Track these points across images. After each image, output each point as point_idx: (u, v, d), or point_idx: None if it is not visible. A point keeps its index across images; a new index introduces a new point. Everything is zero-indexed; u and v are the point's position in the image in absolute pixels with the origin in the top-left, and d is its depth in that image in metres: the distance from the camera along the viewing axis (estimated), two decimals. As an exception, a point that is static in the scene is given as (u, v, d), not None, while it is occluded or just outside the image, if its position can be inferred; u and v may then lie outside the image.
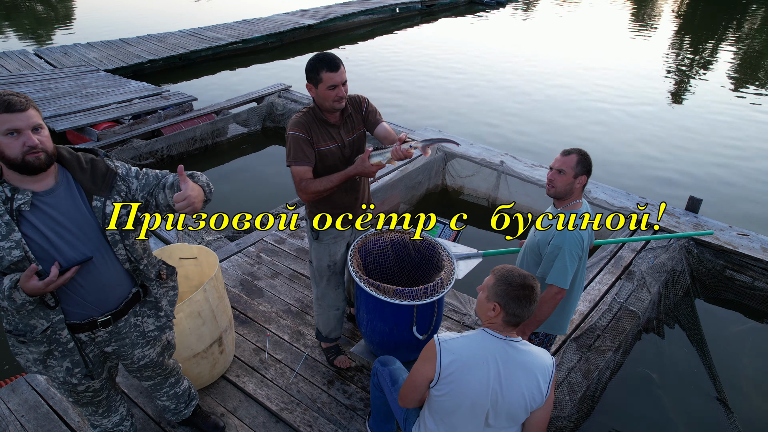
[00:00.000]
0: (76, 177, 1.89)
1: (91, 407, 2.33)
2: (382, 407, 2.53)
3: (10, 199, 1.75)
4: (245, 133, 7.82)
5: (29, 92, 8.21)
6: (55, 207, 1.83)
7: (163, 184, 2.01)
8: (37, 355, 1.96)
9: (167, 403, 2.66)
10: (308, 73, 2.59)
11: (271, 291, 3.91)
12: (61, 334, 1.94)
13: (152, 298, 2.20)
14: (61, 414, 2.94)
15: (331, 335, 3.26)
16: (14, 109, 1.67)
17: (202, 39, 11.82)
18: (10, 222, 1.74)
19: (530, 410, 1.98)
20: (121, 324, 2.09)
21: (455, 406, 1.97)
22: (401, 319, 2.79)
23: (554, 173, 2.55)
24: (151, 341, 2.28)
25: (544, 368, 1.97)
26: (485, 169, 5.95)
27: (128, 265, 2.04)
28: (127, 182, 2.00)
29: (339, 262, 3.03)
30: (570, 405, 3.25)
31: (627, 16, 17.57)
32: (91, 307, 1.97)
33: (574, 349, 3.60)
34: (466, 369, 1.91)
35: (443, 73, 10.96)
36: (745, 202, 6.40)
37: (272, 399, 3.03)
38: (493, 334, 1.95)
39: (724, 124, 8.66)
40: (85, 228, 1.89)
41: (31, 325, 1.90)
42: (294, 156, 2.61)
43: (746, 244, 4.68)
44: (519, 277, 1.90)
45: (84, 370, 2.05)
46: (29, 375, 3.18)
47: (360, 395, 3.08)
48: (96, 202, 1.90)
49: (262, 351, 3.37)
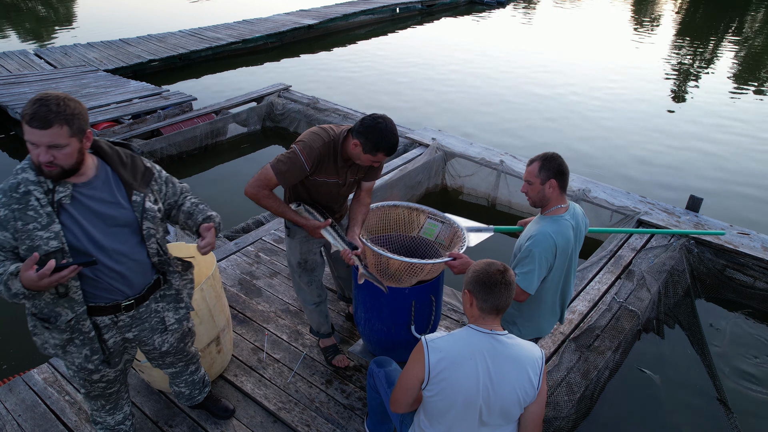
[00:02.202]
0: (116, 170, 1.95)
1: (101, 400, 2.35)
2: (379, 408, 2.52)
3: (52, 191, 1.80)
4: (245, 133, 7.81)
5: (28, 92, 8.22)
6: (93, 198, 1.89)
7: (180, 205, 2.18)
8: (58, 341, 2.01)
9: (183, 390, 2.73)
10: (367, 139, 2.50)
11: (269, 290, 3.90)
12: (84, 324, 1.99)
13: (173, 291, 2.26)
14: (58, 413, 2.93)
15: (321, 330, 3.27)
16: (34, 125, 1.68)
17: (202, 39, 11.81)
18: (51, 213, 1.79)
19: (524, 405, 1.96)
20: (142, 309, 2.15)
21: (448, 406, 1.96)
22: (399, 318, 2.79)
23: (525, 185, 2.54)
24: (171, 331, 2.34)
25: (534, 360, 1.95)
26: (485, 168, 5.94)
27: (156, 258, 2.11)
28: (159, 184, 2.11)
29: (310, 261, 3.02)
30: (569, 405, 3.24)
31: (627, 16, 17.56)
32: (116, 291, 2.02)
33: (573, 349, 3.58)
34: (454, 366, 1.91)
35: (443, 73, 10.95)
36: (745, 201, 6.38)
37: (270, 398, 3.02)
38: (477, 329, 1.95)
39: (724, 123, 8.65)
40: (122, 220, 1.95)
41: (56, 312, 1.94)
42: (280, 171, 2.56)
43: (747, 243, 4.67)
44: (488, 265, 1.92)
45: (101, 357, 2.09)
46: (26, 374, 3.17)
47: (358, 395, 3.06)
48: (136, 196, 1.97)
49: (260, 350, 3.36)
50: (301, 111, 7.76)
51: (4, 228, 1.77)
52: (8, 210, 1.77)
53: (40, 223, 1.78)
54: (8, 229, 1.78)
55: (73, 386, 3.09)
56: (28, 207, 1.77)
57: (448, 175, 6.26)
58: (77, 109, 1.75)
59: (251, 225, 4.88)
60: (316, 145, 2.57)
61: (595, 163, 7.16)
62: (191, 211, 2.18)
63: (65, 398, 3.03)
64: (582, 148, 7.63)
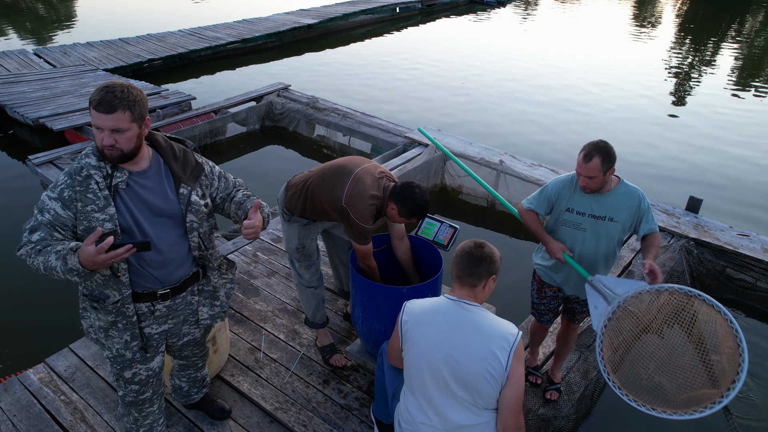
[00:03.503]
0: (168, 163, 2.06)
1: (133, 412, 2.36)
2: (383, 389, 2.53)
3: (110, 176, 1.93)
4: (244, 133, 7.79)
5: (27, 91, 8.19)
6: (145, 187, 2.00)
7: (232, 197, 2.26)
8: (103, 323, 2.10)
9: (183, 385, 2.74)
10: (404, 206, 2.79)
11: (267, 290, 3.88)
12: (128, 308, 2.07)
13: (211, 287, 2.32)
14: (53, 413, 2.92)
15: (317, 318, 3.30)
16: (100, 109, 1.82)
17: (202, 38, 11.79)
18: (108, 197, 1.92)
19: (493, 384, 1.94)
20: (178, 300, 2.21)
21: (414, 368, 2.05)
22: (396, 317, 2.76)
23: (585, 180, 2.57)
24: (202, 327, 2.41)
25: (502, 334, 1.95)
26: (484, 168, 5.91)
27: (197, 252, 2.18)
28: (210, 179, 2.20)
29: (308, 246, 3.14)
30: (568, 405, 3.22)
31: (628, 16, 17.54)
32: (154, 280, 2.09)
33: (573, 349, 3.57)
34: (417, 326, 2.03)
35: (443, 73, 10.93)
36: (745, 202, 6.35)
37: (267, 398, 3.00)
38: (449, 297, 2.05)
39: (724, 124, 8.63)
40: (168, 212, 2.05)
41: (105, 294, 2.04)
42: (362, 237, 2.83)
43: (747, 244, 4.65)
44: (470, 240, 2.06)
45: (139, 343, 2.16)
46: (22, 374, 3.15)
47: (356, 395, 3.04)
48: (183, 189, 2.07)
49: (257, 350, 3.34)
50: (300, 110, 7.73)
51: (67, 207, 1.91)
52: (72, 191, 1.90)
53: (97, 205, 1.91)
54: (71, 209, 1.91)
55: (69, 386, 3.07)
56: (88, 189, 1.90)
57: (447, 174, 6.24)
58: (138, 97, 1.89)
59: (249, 224, 4.85)
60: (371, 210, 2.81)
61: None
62: (241, 201, 2.24)
63: (61, 398, 3.01)
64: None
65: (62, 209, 1.91)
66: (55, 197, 1.91)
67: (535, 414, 3.10)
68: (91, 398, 3.01)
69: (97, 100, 1.82)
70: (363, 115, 7.26)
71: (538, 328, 3.24)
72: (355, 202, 2.76)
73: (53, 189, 1.93)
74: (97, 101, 1.82)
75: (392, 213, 2.84)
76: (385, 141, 6.70)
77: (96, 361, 3.24)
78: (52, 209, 1.91)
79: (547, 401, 3.19)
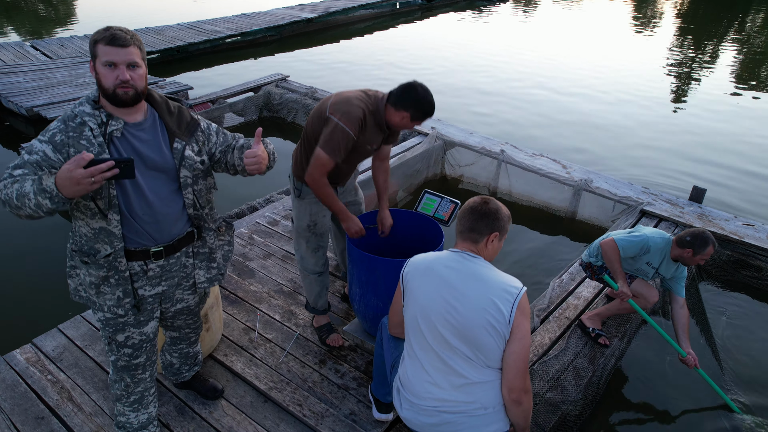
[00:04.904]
0: (162, 117, 2.02)
1: (126, 377, 2.28)
2: (382, 366, 2.43)
3: (105, 124, 1.89)
4: (242, 123, 7.69)
5: (23, 81, 8.09)
6: (140, 139, 1.95)
7: (233, 146, 2.20)
8: (94, 278, 2.04)
9: (174, 361, 2.66)
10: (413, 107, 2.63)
11: (262, 271, 3.78)
12: (120, 262, 2.01)
13: (207, 249, 2.25)
14: (39, 392, 2.81)
15: (318, 305, 3.18)
16: (116, 43, 1.80)
17: (201, 32, 11.71)
18: (102, 144, 1.87)
19: (494, 335, 1.83)
20: (172, 260, 2.15)
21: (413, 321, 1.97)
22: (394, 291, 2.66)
23: (698, 260, 3.13)
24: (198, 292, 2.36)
25: (505, 286, 1.86)
26: (485, 158, 5.83)
27: (192, 210, 2.13)
28: (206, 135, 2.15)
29: (320, 224, 2.98)
30: (576, 390, 3.13)
31: (628, 15, 17.50)
32: (147, 236, 2.03)
33: (579, 335, 3.48)
34: (417, 275, 1.97)
35: (443, 67, 10.86)
36: (750, 192, 6.27)
37: (261, 378, 2.90)
38: (453, 249, 1.98)
39: (728, 115, 8.56)
40: (162, 165, 2.00)
41: (95, 248, 1.98)
42: (332, 148, 2.60)
43: (752, 234, 4.57)
44: (475, 197, 2.00)
45: (132, 300, 2.10)
46: (8, 354, 3.05)
47: (353, 375, 2.94)
48: (177, 144, 2.03)
49: (251, 330, 3.24)
50: (298, 101, 7.64)
51: (58, 151, 1.85)
52: (65, 136, 1.86)
53: (91, 152, 1.84)
54: (62, 154, 1.85)
55: (56, 365, 2.97)
56: (81, 136, 1.86)
57: (447, 164, 6.15)
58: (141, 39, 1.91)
59: (245, 210, 4.76)
60: (358, 115, 2.62)
61: (597, 156, 7.06)
62: (244, 145, 2.18)
63: (47, 377, 2.91)
64: (582, 143, 7.53)
65: (52, 152, 1.84)
66: (45, 140, 1.85)
67: (542, 398, 3.00)
68: (79, 378, 2.91)
69: (108, 37, 1.80)
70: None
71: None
72: (341, 105, 2.61)
73: (44, 133, 1.87)
74: (109, 37, 1.80)
75: (404, 122, 2.67)
76: (385, 130, 6.60)
77: (85, 341, 3.14)
78: (41, 151, 1.84)
79: (555, 386, 3.10)
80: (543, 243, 5.09)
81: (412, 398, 2.00)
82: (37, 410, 2.72)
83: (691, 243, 3.07)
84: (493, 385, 1.90)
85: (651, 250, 3.22)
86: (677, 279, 3.29)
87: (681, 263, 3.23)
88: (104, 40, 1.80)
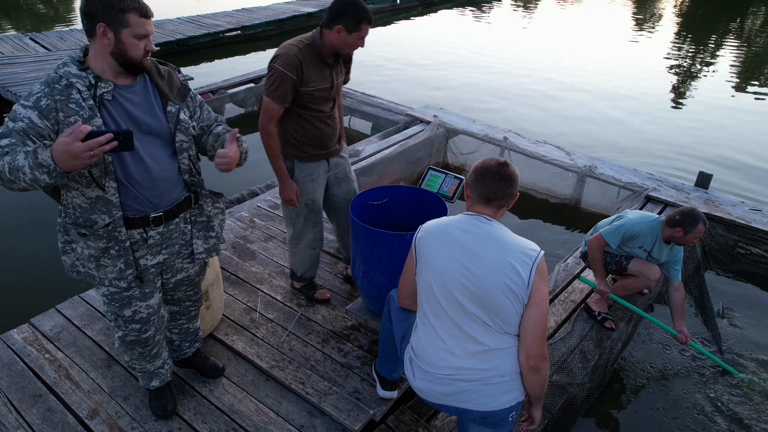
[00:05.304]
0: (153, 80, 1.95)
1: (137, 348, 2.26)
2: (389, 341, 2.35)
3: (94, 86, 1.79)
4: (242, 114, 7.63)
5: (21, 72, 8.05)
6: (131, 102, 1.88)
7: (211, 129, 2.14)
8: (94, 251, 1.97)
9: (173, 337, 2.60)
10: (342, 17, 2.50)
11: (264, 254, 3.72)
12: (120, 231, 1.95)
13: (204, 217, 2.22)
14: (36, 371, 2.76)
15: (307, 274, 3.18)
16: (148, 15, 1.77)
17: (201, 26, 11.65)
18: (93, 107, 1.78)
19: (512, 298, 1.76)
20: (172, 227, 2.09)
21: (427, 287, 1.89)
22: (402, 268, 2.60)
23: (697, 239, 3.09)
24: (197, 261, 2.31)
25: (523, 249, 1.79)
26: (488, 145, 5.77)
27: (188, 176, 2.07)
28: (195, 104, 2.10)
29: (317, 200, 2.95)
30: (583, 373, 3.08)
31: (629, 13, 17.44)
32: (146, 202, 1.97)
33: (586, 318, 3.43)
34: (431, 239, 1.89)
35: (444, 63, 10.81)
36: (756, 177, 6.21)
37: (262, 357, 2.84)
38: (467, 213, 1.91)
39: (733, 104, 8.50)
40: (157, 129, 1.94)
41: (91, 219, 1.91)
42: (275, 93, 2.59)
43: (760, 219, 4.52)
44: (490, 158, 1.91)
45: (135, 272, 2.04)
46: (4, 334, 2.99)
47: (356, 353, 2.88)
48: (170, 107, 1.96)
49: (252, 311, 3.18)
50: (299, 91, 7.57)
51: (45, 117, 1.74)
52: (50, 100, 1.75)
53: (81, 116, 1.76)
54: (49, 119, 1.75)
55: (54, 344, 2.91)
56: (69, 99, 1.76)
57: (449, 152, 6.10)
58: None
59: (246, 195, 4.70)
60: (292, 52, 2.55)
61: (602, 142, 7.01)
62: (220, 133, 2.12)
63: (45, 356, 2.85)
64: (586, 137, 7.48)
65: (38, 118, 1.73)
66: (30, 105, 1.74)
67: (549, 380, 2.94)
68: (77, 356, 2.85)
69: (142, 8, 1.75)
70: (363, 95, 7.10)
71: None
72: (278, 52, 2.58)
73: (27, 98, 1.75)
74: (143, 8, 1.75)
75: (341, 37, 2.53)
76: (387, 119, 6.54)
77: (83, 321, 3.09)
78: (26, 117, 1.72)
79: (562, 368, 3.04)
80: (547, 230, 5.04)
81: (426, 366, 1.92)
82: (35, 388, 2.66)
83: (680, 222, 3.03)
84: (510, 352, 1.83)
85: (637, 235, 3.22)
86: (672, 263, 3.27)
87: (675, 244, 3.20)
88: (137, 11, 1.73)
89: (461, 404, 1.87)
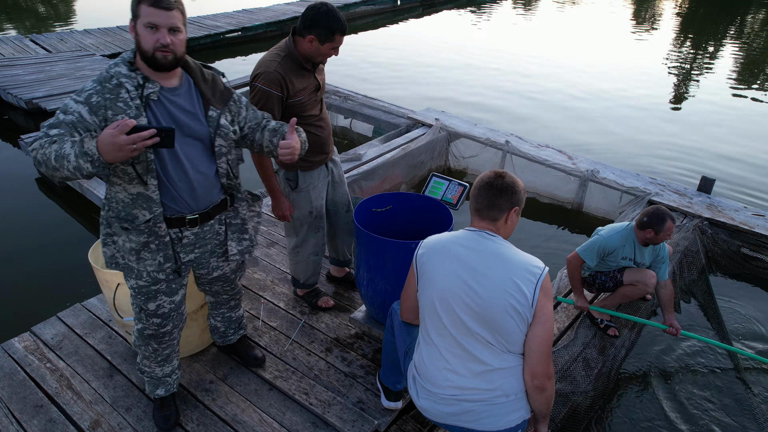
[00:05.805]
0: (198, 84, 2.00)
1: (152, 343, 2.30)
2: (391, 354, 2.33)
3: (142, 86, 1.85)
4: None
5: (22, 74, 8.03)
6: (174, 104, 1.93)
7: (263, 126, 2.18)
8: (135, 245, 2.02)
9: (218, 325, 2.72)
10: (315, 26, 2.48)
11: (266, 260, 3.70)
12: (160, 227, 2.01)
13: (239, 220, 2.27)
14: (38, 381, 2.74)
15: (310, 281, 3.18)
16: (160, 5, 1.77)
17: (201, 27, 11.64)
18: (140, 106, 1.84)
19: (517, 318, 1.73)
20: (206, 228, 2.16)
21: (429, 305, 1.85)
22: (405, 276, 2.58)
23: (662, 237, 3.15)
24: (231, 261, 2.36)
25: (527, 266, 1.75)
26: (490, 149, 5.76)
27: (225, 180, 2.13)
28: (238, 106, 2.13)
29: (321, 206, 2.97)
30: (586, 381, 3.06)
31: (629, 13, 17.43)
32: (183, 203, 2.03)
33: (588, 325, 3.41)
34: (433, 255, 1.85)
35: (444, 63, 10.79)
36: (759, 182, 6.20)
37: (265, 366, 2.82)
38: (469, 228, 1.87)
39: (735, 105, 8.49)
40: (197, 133, 1.99)
41: (133, 214, 1.98)
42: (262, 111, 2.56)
43: (763, 224, 4.50)
44: (487, 171, 1.88)
45: (173, 266, 2.11)
46: (5, 342, 2.97)
47: (360, 363, 2.86)
48: (212, 112, 2.02)
49: (255, 318, 3.17)
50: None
51: (94, 113, 1.81)
52: (101, 97, 1.81)
53: (128, 115, 1.82)
54: (98, 115, 1.81)
55: (55, 353, 2.89)
56: (118, 98, 1.82)
57: (451, 156, 6.08)
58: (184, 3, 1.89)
59: (248, 200, 4.69)
60: (272, 68, 2.52)
61: (602, 148, 6.99)
62: (276, 128, 2.17)
63: (46, 365, 2.83)
64: (587, 139, 7.47)
65: (88, 113, 1.80)
66: (81, 101, 1.81)
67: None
68: (79, 366, 2.83)
69: None
70: (365, 97, 7.08)
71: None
72: (257, 70, 2.54)
73: (80, 94, 1.82)
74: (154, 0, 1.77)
75: (314, 46, 2.51)
76: (388, 122, 6.52)
77: (85, 329, 3.07)
78: (76, 111, 1.79)
79: (565, 377, 3.03)
80: (549, 235, 5.02)
81: (430, 386, 1.89)
82: (36, 398, 2.64)
83: (649, 223, 3.10)
84: (515, 371, 1.80)
85: (613, 249, 3.28)
86: (658, 263, 3.34)
87: (653, 245, 3.27)
88: (148, 1, 1.76)
89: (467, 424, 1.85)
